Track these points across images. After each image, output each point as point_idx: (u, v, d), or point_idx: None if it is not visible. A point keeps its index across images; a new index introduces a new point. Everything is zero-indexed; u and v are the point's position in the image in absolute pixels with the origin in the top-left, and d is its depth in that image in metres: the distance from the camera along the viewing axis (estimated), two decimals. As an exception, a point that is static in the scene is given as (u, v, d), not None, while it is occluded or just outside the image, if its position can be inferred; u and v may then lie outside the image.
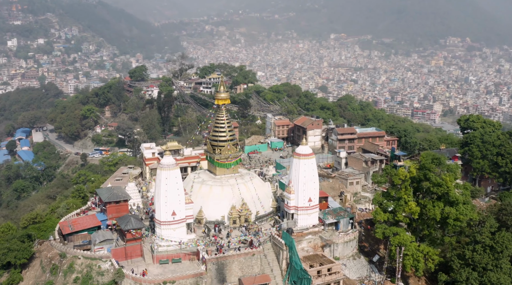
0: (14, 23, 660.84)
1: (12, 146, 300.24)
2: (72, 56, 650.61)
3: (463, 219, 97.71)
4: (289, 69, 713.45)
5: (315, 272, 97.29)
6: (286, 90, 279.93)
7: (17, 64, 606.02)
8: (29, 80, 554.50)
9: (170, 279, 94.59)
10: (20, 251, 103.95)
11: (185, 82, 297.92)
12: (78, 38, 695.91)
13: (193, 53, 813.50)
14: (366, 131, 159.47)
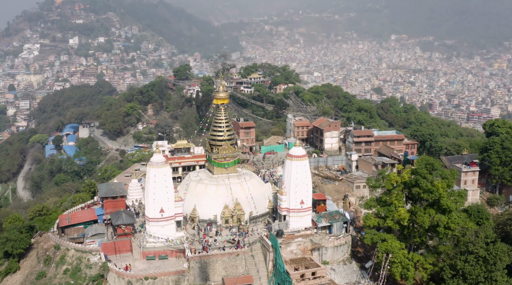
0: (76, 22, 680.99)
1: (59, 141, 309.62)
2: (131, 54, 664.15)
3: (454, 227, 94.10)
4: (346, 70, 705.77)
5: (299, 276, 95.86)
6: (326, 91, 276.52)
7: (78, 62, 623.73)
8: (88, 77, 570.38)
9: (151, 275, 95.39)
10: (17, 241, 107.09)
11: (226, 82, 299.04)
12: (137, 37, 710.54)
13: (251, 53, 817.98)
14: (386, 134, 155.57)
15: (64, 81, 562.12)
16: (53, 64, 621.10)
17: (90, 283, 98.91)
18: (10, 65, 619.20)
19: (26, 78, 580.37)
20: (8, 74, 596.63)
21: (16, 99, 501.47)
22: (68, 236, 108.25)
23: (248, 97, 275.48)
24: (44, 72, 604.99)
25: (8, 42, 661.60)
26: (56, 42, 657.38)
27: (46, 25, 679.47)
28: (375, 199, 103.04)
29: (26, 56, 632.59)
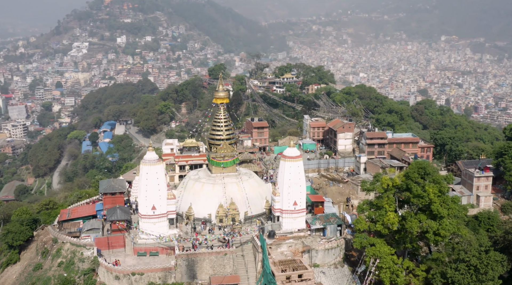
0: (124, 21, 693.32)
1: (95, 137, 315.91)
2: (177, 53, 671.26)
3: (445, 234, 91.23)
4: (392, 71, 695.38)
5: (285, 277, 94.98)
6: (358, 92, 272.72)
7: (124, 60, 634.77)
8: (133, 75, 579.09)
9: (138, 270, 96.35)
10: (17, 233, 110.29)
11: (259, 82, 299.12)
12: (184, 36, 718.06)
13: (297, 53, 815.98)
14: (401, 136, 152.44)
15: (110, 79, 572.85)
16: (101, 62, 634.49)
17: (82, 276, 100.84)
18: (59, 63, 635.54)
19: (74, 76, 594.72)
20: (57, 72, 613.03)
21: (62, 96, 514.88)
22: (67, 230, 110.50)
23: (279, 97, 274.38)
24: (92, 70, 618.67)
25: (58, 40, 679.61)
26: (104, 41, 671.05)
27: (95, 24, 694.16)
28: (368, 202, 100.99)
29: (75, 54, 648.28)
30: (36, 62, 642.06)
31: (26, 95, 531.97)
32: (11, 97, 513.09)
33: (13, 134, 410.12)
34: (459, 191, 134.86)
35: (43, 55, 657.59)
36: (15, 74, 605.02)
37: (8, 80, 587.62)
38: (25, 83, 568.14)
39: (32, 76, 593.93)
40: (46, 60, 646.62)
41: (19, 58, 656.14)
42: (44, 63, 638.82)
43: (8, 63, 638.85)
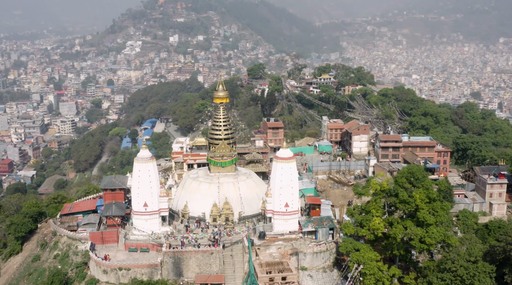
0: (177, 20, 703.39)
1: (134, 134, 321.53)
2: (228, 53, 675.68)
3: (430, 242, 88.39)
4: (447, 73, 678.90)
5: (268, 279, 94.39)
6: (396, 94, 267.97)
7: (176, 59, 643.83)
8: (184, 74, 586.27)
9: (125, 266, 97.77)
10: (19, 225, 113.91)
11: (296, 82, 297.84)
12: (236, 36, 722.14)
13: (351, 54, 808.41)
14: (417, 140, 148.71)
15: (161, 77, 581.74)
16: (153, 61, 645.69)
17: (75, 269, 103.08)
18: (113, 61, 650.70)
19: (126, 74, 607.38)
20: (110, 70, 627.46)
21: (112, 94, 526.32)
22: (67, 224, 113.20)
23: (314, 98, 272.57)
24: (144, 69, 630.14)
25: (113, 39, 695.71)
26: (157, 40, 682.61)
27: (149, 23, 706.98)
28: (358, 206, 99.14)
29: (128, 53, 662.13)
30: (90, 60, 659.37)
31: (78, 92, 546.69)
32: (64, 94, 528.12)
33: (62, 130, 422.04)
34: (472, 198, 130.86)
35: (98, 53, 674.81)
36: (69, 71, 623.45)
37: (63, 77, 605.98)
38: (79, 81, 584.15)
39: (86, 74, 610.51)
40: (100, 58, 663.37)
41: (74, 56, 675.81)
42: (98, 61, 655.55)
43: (64, 61, 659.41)
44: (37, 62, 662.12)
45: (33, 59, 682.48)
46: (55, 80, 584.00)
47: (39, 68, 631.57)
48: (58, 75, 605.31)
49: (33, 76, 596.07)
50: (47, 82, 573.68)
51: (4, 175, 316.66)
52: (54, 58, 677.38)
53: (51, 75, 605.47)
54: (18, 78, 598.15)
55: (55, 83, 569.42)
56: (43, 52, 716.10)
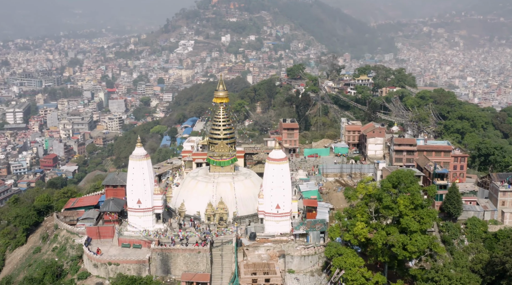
0: (230, 20, 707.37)
1: (174, 133, 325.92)
2: (279, 53, 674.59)
3: (412, 249, 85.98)
4: (503, 76, 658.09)
5: (250, 280, 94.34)
6: (434, 96, 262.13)
7: (227, 59, 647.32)
8: (234, 74, 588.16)
9: (114, 261, 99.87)
10: (24, 217, 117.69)
11: (334, 83, 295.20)
12: (288, 36, 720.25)
13: (405, 55, 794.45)
14: (433, 144, 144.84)
15: (211, 76, 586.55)
16: (204, 60, 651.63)
17: (70, 262, 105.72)
18: (165, 60, 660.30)
19: (177, 73, 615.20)
20: (162, 68, 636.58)
21: (162, 92, 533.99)
22: (69, 218, 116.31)
23: (350, 99, 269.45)
24: (195, 68, 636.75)
25: (166, 38, 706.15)
26: (209, 39, 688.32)
27: (202, 22, 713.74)
28: (346, 210, 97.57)
29: (181, 52, 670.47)
30: (143, 59, 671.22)
31: (129, 90, 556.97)
32: (115, 91, 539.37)
33: (109, 127, 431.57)
34: (483, 206, 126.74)
35: (151, 52, 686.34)
36: (123, 69, 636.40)
37: (116, 75, 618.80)
38: (130, 79, 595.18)
39: (138, 72, 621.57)
40: (153, 57, 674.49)
41: (128, 54, 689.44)
42: (151, 59, 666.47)
43: (118, 59, 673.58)
44: (93, 61, 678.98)
45: (89, 57, 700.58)
46: (108, 78, 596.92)
47: (94, 66, 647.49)
48: (111, 73, 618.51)
49: (87, 74, 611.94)
50: (100, 80, 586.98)
51: (48, 169, 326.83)
52: (109, 56, 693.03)
53: (105, 73, 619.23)
54: (73, 76, 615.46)
55: (107, 81, 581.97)
56: (99, 50, 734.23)
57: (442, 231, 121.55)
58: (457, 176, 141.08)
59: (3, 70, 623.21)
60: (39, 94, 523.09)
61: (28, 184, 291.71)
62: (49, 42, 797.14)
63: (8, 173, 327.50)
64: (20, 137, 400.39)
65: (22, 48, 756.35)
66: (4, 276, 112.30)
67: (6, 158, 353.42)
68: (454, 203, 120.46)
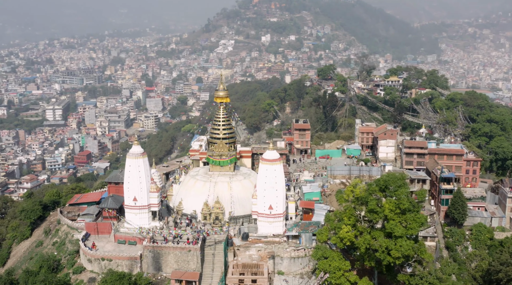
0: (270, 20, 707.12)
1: (204, 131, 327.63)
2: (319, 53, 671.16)
3: (396, 255, 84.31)
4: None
5: (237, 280, 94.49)
6: (465, 98, 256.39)
7: (266, 59, 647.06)
8: (272, 73, 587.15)
9: (107, 256, 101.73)
10: (29, 212, 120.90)
11: (363, 84, 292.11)
12: (329, 36, 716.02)
13: (449, 56, 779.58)
14: (446, 147, 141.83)
15: (250, 76, 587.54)
16: (244, 60, 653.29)
17: (68, 257, 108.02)
18: (205, 59, 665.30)
19: (216, 72, 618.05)
20: (202, 68, 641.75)
21: (199, 91, 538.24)
22: (72, 213, 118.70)
23: (379, 101, 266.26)
24: (234, 67, 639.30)
25: (207, 37, 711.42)
26: (250, 39, 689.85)
27: (242, 22, 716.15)
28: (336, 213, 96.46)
29: (221, 51, 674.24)
30: (184, 58, 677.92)
31: (168, 89, 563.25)
32: (153, 90, 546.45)
33: (145, 125, 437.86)
34: (491, 212, 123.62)
35: (192, 51, 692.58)
36: (163, 68, 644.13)
37: (156, 74, 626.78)
38: (170, 78, 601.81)
39: (178, 71, 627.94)
40: (193, 56, 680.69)
41: (169, 53, 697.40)
42: (191, 59, 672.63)
43: (159, 58, 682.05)
44: (134, 59, 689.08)
45: (131, 56, 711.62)
46: (148, 77, 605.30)
47: (135, 65, 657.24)
48: (151, 72, 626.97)
49: (128, 73, 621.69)
50: (140, 78, 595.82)
51: (82, 165, 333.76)
52: (150, 55, 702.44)
53: (145, 72, 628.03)
54: (114, 74, 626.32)
55: (147, 79, 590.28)
56: (142, 49, 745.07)
57: (446, 236, 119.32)
58: (469, 181, 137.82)
59: (47, 68, 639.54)
60: (79, 92, 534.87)
61: (61, 179, 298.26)
62: (93, 41, 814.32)
63: (43, 168, 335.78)
64: (58, 134, 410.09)
65: (67, 47, 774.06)
66: (7, 268, 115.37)
67: (43, 153, 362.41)
68: (459, 208, 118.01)
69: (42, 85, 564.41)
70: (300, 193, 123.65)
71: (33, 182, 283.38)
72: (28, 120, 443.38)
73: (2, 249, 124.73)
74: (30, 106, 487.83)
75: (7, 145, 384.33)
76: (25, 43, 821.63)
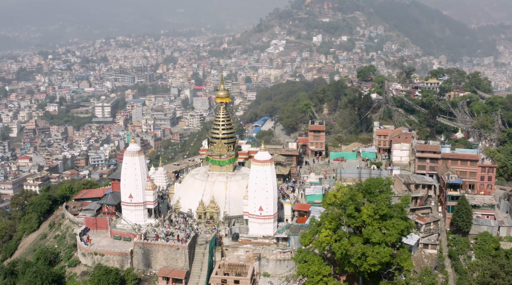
0: (322, 20, 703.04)
1: (241, 131, 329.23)
2: (371, 54, 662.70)
3: (372, 262, 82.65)
4: None
5: (219, 280, 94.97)
6: (505, 102, 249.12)
7: (317, 59, 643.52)
8: (322, 74, 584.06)
9: (100, 251, 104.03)
10: (36, 205, 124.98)
11: (402, 85, 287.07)
12: (382, 37, 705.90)
13: (507, 59, 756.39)
14: (461, 152, 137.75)
15: (299, 77, 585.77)
16: (294, 60, 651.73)
17: (66, 250, 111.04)
18: (256, 59, 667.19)
19: (266, 72, 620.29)
20: (252, 68, 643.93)
21: (246, 91, 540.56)
22: (77, 208, 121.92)
23: (416, 103, 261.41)
24: (284, 67, 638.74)
25: (259, 37, 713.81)
26: (301, 39, 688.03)
27: (294, 22, 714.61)
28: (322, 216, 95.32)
29: (272, 51, 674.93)
30: (235, 58, 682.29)
31: (216, 88, 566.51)
32: (202, 89, 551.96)
33: (190, 124, 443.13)
34: (500, 221, 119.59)
35: (243, 51, 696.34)
36: (214, 68, 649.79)
37: (207, 73, 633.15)
38: (219, 77, 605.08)
39: (229, 71, 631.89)
40: (244, 56, 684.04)
41: (221, 53, 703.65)
42: (242, 59, 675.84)
43: (210, 58, 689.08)
44: (187, 59, 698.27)
45: (184, 55, 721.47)
46: (199, 76, 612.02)
47: (187, 64, 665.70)
48: (202, 71, 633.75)
49: (179, 72, 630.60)
50: (190, 77, 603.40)
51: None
52: (202, 55, 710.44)
53: (196, 71, 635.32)
54: (166, 73, 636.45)
55: (197, 78, 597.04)
56: (195, 49, 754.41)
57: (450, 245, 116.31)
58: (484, 188, 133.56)
59: (101, 66, 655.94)
60: (129, 90, 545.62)
61: (101, 175, 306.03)
62: (148, 40, 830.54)
63: (86, 164, 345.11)
64: (105, 131, 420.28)
65: (122, 45, 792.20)
66: (13, 259, 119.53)
67: (88, 149, 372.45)
68: (463, 216, 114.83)
69: (94, 83, 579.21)
70: (303, 195, 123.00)
71: (73, 176, 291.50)
72: (78, 117, 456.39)
73: (11, 241, 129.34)
74: (81, 103, 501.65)
75: (55, 140, 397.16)
76: (82, 42, 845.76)
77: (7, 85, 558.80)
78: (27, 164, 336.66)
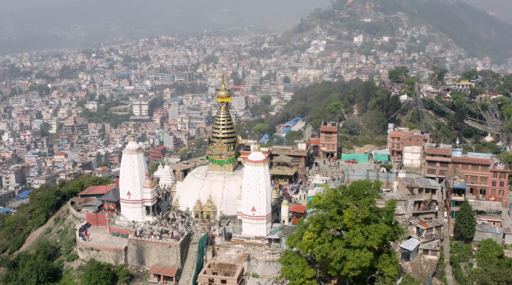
0: (363, 21, 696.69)
1: (272, 131, 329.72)
2: (412, 55, 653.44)
3: (351, 266, 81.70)
4: None
5: (207, 279, 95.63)
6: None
7: (357, 60, 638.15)
8: (361, 75, 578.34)
9: (96, 247, 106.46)
10: (43, 200, 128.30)
11: (433, 87, 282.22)
12: (424, 38, 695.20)
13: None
14: (473, 157, 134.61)
15: (338, 77, 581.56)
16: (334, 61, 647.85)
17: (67, 244, 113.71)
18: (296, 59, 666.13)
19: (306, 72, 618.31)
20: (292, 68, 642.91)
21: (284, 91, 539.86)
22: (82, 204, 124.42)
23: (446, 105, 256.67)
24: (324, 68, 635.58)
25: (299, 37, 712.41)
26: (342, 40, 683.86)
27: (335, 23, 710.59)
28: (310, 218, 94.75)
29: (312, 52, 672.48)
30: (275, 57, 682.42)
31: (254, 88, 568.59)
32: (240, 89, 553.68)
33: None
34: (506, 228, 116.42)
35: (283, 51, 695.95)
36: (253, 67, 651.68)
37: (246, 73, 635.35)
38: (258, 77, 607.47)
39: (268, 71, 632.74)
40: (284, 56, 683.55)
41: (262, 53, 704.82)
42: (282, 59, 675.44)
43: (251, 57, 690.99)
44: (227, 58, 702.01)
45: (225, 55, 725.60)
46: (238, 76, 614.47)
47: (227, 64, 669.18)
48: (242, 71, 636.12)
49: (218, 71, 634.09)
50: (229, 77, 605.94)
51: (156, 160, 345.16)
52: (243, 54, 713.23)
53: (236, 70, 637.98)
54: (206, 72, 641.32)
55: (236, 78, 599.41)
56: (236, 48, 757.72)
57: (452, 251, 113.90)
58: (495, 193, 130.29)
59: (143, 65, 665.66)
60: (167, 88, 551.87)
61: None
62: (191, 39, 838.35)
63: (119, 161, 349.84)
64: (141, 129, 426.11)
65: (165, 44, 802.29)
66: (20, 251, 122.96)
67: (122, 147, 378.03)
68: (465, 222, 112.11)
69: (134, 82, 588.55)
70: (305, 196, 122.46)
71: (105, 173, 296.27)
72: (116, 115, 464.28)
73: (20, 234, 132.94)
74: (120, 101, 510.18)
75: (92, 137, 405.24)
76: (126, 41, 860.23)
77: (50, 83, 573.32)
78: (63, 160, 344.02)
